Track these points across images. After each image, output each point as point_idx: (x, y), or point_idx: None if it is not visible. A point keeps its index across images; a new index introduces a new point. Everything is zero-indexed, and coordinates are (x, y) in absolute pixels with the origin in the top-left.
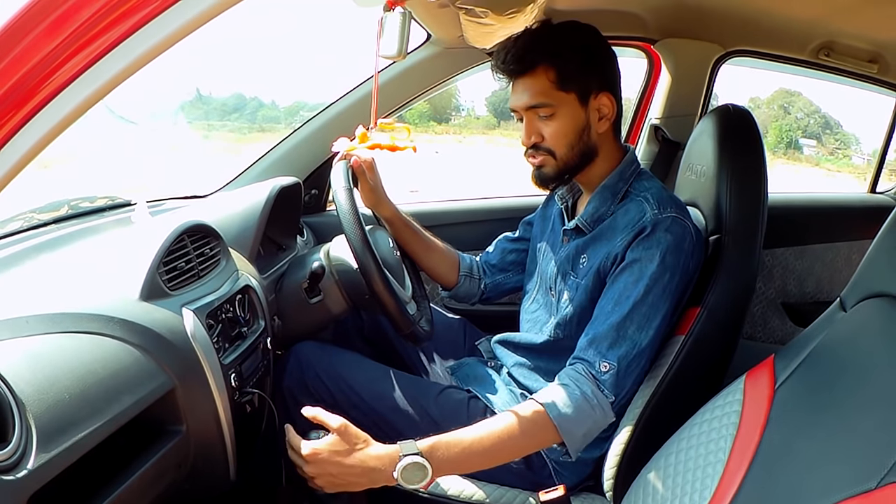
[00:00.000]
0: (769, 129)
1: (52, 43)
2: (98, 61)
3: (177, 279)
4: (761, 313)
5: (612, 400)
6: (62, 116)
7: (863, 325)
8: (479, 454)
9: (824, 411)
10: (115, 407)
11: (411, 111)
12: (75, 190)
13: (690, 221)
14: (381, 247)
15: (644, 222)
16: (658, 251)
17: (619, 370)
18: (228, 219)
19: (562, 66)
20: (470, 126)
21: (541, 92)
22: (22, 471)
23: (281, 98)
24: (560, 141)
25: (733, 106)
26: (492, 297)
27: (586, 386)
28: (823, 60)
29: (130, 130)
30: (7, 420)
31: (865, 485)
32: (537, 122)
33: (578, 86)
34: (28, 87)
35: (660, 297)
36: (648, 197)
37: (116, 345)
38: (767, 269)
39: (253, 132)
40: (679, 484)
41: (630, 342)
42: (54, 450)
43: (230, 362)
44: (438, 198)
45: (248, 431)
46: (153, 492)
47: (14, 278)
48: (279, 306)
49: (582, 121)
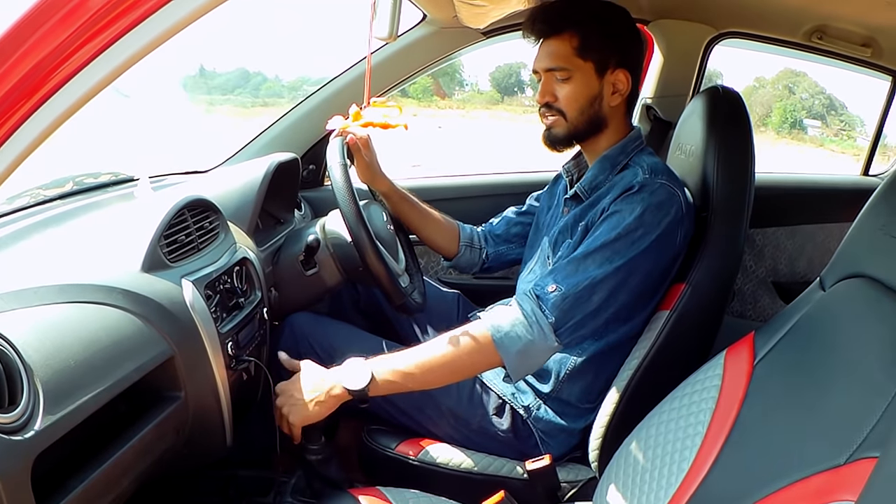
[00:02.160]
0: (773, 110)
1: (64, 32)
2: (108, 48)
3: (177, 251)
4: (751, 292)
5: (553, 321)
6: (74, 100)
7: (840, 304)
8: (418, 365)
9: (800, 387)
10: (117, 373)
11: (414, 86)
12: (80, 166)
13: (681, 192)
14: (375, 221)
15: (633, 182)
16: (639, 206)
17: (565, 294)
18: (227, 194)
19: (585, 35)
20: (473, 101)
21: (562, 56)
22: (30, 431)
23: (285, 73)
24: (571, 104)
25: (723, 87)
26: (493, 266)
27: (527, 303)
28: (816, 43)
29: (130, 105)
30: (16, 384)
31: (836, 460)
32: (554, 83)
33: (597, 57)
34: (43, 72)
35: (628, 246)
36: (644, 165)
37: (119, 314)
38: (758, 248)
39: (256, 107)
40: (659, 455)
41: (584, 274)
42: (60, 412)
43: (227, 331)
44: (441, 172)
45: (244, 399)
46: (152, 455)
47: (22, 252)
48: (276, 278)
49: (595, 90)
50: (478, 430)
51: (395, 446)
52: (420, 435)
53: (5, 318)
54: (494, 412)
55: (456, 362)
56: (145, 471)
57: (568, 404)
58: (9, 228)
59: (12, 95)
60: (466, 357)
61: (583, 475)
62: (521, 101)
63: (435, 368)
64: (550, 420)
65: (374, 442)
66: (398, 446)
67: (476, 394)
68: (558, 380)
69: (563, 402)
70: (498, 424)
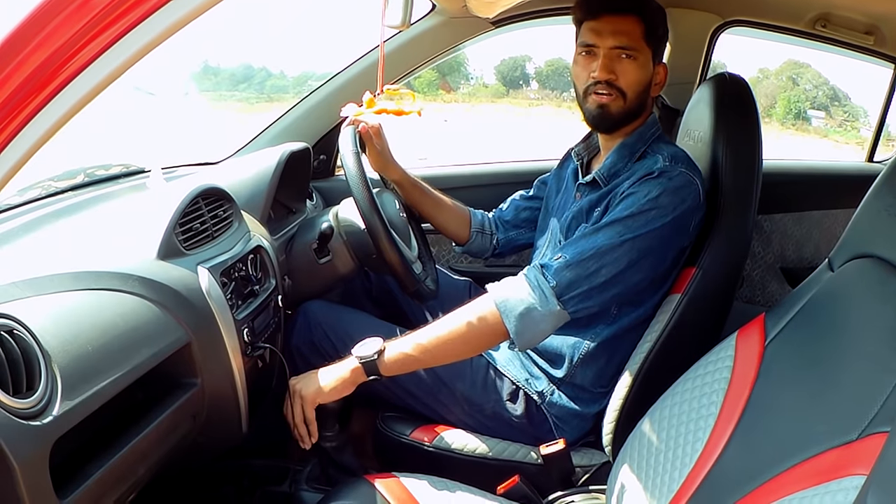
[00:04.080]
0: (778, 101)
1: (72, 28)
2: (116, 43)
3: (192, 239)
4: (760, 277)
5: (554, 286)
6: (83, 94)
7: (848, 284)
8: (426, 337)
9: (810, 367)
10: (134, 359)
11: (419, 79)
12: (90, 159)
13: (699, 181)
14: (388, 208)
15: (653, 169)
16: (656, 189)
17: (568, 262)
18: (241, 183)
19: (649, 23)
20: (479, 94)
21: (632, 36)
22: (48, 417)
23: (289, 68)
24: (634, 85)
25: (730, 74)
26: (504, 252)
27: (531, 272)
28: (820, 31)
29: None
30: (34, 370)
31: (847, 436)
32: (617, 61)
33: (655, 46)
34: (52, 67)
35: (639, 224)
36: (665, 153)
37: (136, 300)
38: (766, 235)
39: (261, 102)
40: (672, 437)
41: (590, 244)
42: (77, 398)
43: (243, 318)
44: (463, 162)
45: (260, 386)
46: (169, 442)
47: (36, 241)
48: (290, 266)
49: (650, 77)
50: (492, 415)
51: (409, 433)
52: (434, 421)
53: (22, 305)
54: (508, 398)
55: (464, 333)
56: (162, 458)
57: (582, 389)
58: (21, 219)
59: (22, 91)
60: (474, 327)
61: (597, 459)
62: (526, 94)
63: (444, 340)
64: (564, 405)
65: (388, 429)
66: (413, 433)
67: (490, 379)
68: (572, 364)
69: (577, 386)
70: (512, 410)
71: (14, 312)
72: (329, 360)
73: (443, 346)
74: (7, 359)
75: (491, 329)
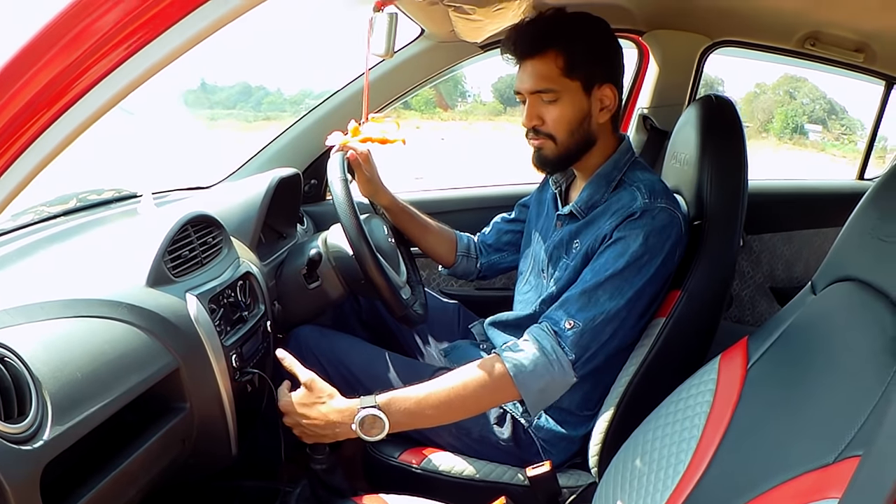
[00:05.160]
0: (775, 115)
1: (72, 55)
2: (115, 69)
3: (181, 266)
4: (749, 297)
5: (573, 359)
6: (83, 119)
7: (830, 307)
8: (434, 406)
9: (791, 390)
10: (123, 385)
11: (417, 98)
12: (83, 183)
13: (680, 213)
14: (376, 234)
15: (634, 208)
16: (643, 232)
17: (582, 330)
18: (230, 209)
19: (571, 53)
20: (476, 112)
21: (547, 77)
22: (38, 441)
23: (286, 86)
24: (561, 127)
25: (716, 95)
26: (488, 275)
27: (546, 340)
28: (810, 50)
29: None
30: (25, 396)
31: (824, 459)
32: (540, 105)
33: (584, 75)
34: (54, 92)
35: (636, 274)
36: (641, 187)
37: (125, 328)
38: (755, 255)
39: (258, 120)
40: (655, 459)
41: (599, 308)
42: (67, 423)
43: (231, 344)
44: (443, 184)
45: (249, 410)
46: (159, 464)
47: (27, 268)
48: (279, 292)
49: (584, 109)
50: (479, 439)
51: (398, 455)
52: (422, 444)
53: (13, 332)
54: (496, 421)
55: (474, 400)
56: (152, 480)
57: (569, 412)
58: (13, 245)
59: (22, 115)
60: (486, 395)
61: (583, 480)
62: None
63: (454, 407)
64: (551, 429)
65: (377, 451)
66: (401, 455)
67: None
68: None
69: (564, 410)
70: (499, 434)
71: (5, 340)
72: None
73: (450, 412)
74: None
75: (505, 397)
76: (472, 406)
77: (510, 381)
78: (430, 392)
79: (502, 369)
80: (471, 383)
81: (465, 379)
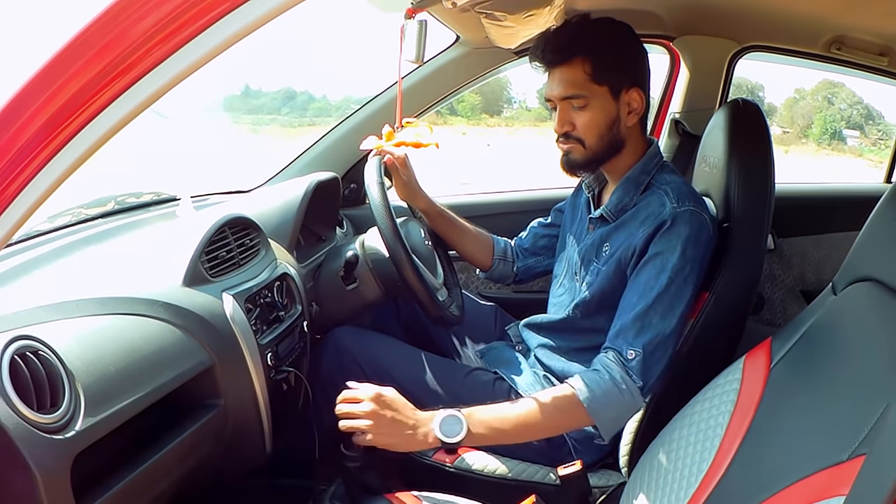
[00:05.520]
0: (814, 121)
1: (104, 61)
2: (146, 74)
3: (218, 267)
4: (780, 300)
5: (641, 385)
6: (114, 122)
7: (849, 307)
8: (512, 422)
9: (811, 389)
10: (156, 380)
11: (463, 104)
12: (124, 187)
13: (707, 214)
14: (413, 237)
15: (664, 216)
16: (679, 243)
17: (644, 356)
18: (268, 212)
19: (598, 59)
20: (521, 118)
21: (576, 83)
22: (70, 432)
23: (331, 92)
24: (590, 131)
25: (743, 99)
26: (524, 279)
27: (615, 371)
28: (835, 54)
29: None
30: (58, 388)
31: (838, 457)
32: (570, 111)
33: (612, 80)
34: (85, 97)
35: (681, 287)
36: (668, 190)
37: (160, 325)
38: (786, 258)
39: (303, 126)
40: (681, 457)
41: (654, 330)
42: (99, 415)
43: (267, 343)
44: (488, 190)
45: (284, 408)
46: (192, 459)
47: (64, 267)
48: (317, 293)
49: (613, 113)
50: None
51: (432, 454)
52: None
53: (49, 327)
54: None
55: (550, 424)
56: (185, 474)
57: None
58: (50, 245)
59: (61, 114)
60: (561, 421)
61: (613, 480)
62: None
63: (530, 427)
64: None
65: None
66: (435, 454)
67: None
68: None
69: None
70: None
71: (40, 334)
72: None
73: (525, 434)
74: (32, 377)
75: (578, 424)
76: (547, 429)
77: (584, 410)
78: (509, 410)
79: (576, 400)
80: (547, 408)
81: (543, 403)
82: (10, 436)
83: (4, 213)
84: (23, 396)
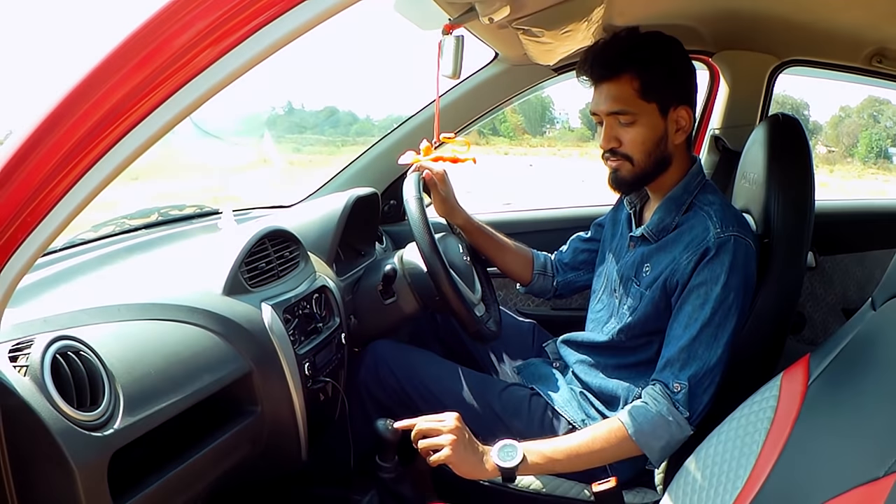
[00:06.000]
0: (860, 139)
1: (146, 69)
2: (189, 82)
3: (257, 278)
4: (822, 319)
5: (688, 416)
6: (154, 131)
7: (888, 323)
8: (564, 452)
9: (849, 406)
10: (195, 384)
11: (505, 124)
12: (165, 200)
13: (751, 237)
14: (451, 252)
15: (707, 243)
16: (723, 272)
17: (690, 388)
18: (308, 225)
19: (647, 76)
20: (564, 138)
21: (624, 99)
22: (109, 429)
23: (375, 112)
24: (638, 148)
25: (783, 114)
26: (564, 293)
27: (662, 405)
28: (877, 67)
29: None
30: (98, 388)
31: (874, 474)
32: (617, 127)
33: (661, 97)
34: (127, 105)
35: (725, 317)
36: (711, 213)
37: (199, 331)
38: (828, 276)
39: (346, 145)
40: (716, 474)
41: (700, 361)
42: (138, 415)
43: (305, 353)
44: (528, 207)
45: (321, 418)
46: (228, 462)
47: (107, 273)
48: (356, 306)
49: (660, 131)
50: None
51: None
52: None
53: (91, 330)
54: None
55: (599, 456)
56: (220, 477)
57: None
58: (94, 253)
59: (103, 122)
60: (611, 452)
61: (649, 498)
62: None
63: (582, 458)
64: None
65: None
66: None
67: (547, 419)
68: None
69: None
70: None
71: (82, 336)
72: (394, 396)
73: (578, 463)
74: (73, 376)
75: (629, 454)
76: (598, 460)
77: (632, 442)
78: (561, 441)
79: (625, 433)
80: (597, 441)
81: (594, 435)
82: (50, 430)
83: (48, 217)
84: (63, 394)
